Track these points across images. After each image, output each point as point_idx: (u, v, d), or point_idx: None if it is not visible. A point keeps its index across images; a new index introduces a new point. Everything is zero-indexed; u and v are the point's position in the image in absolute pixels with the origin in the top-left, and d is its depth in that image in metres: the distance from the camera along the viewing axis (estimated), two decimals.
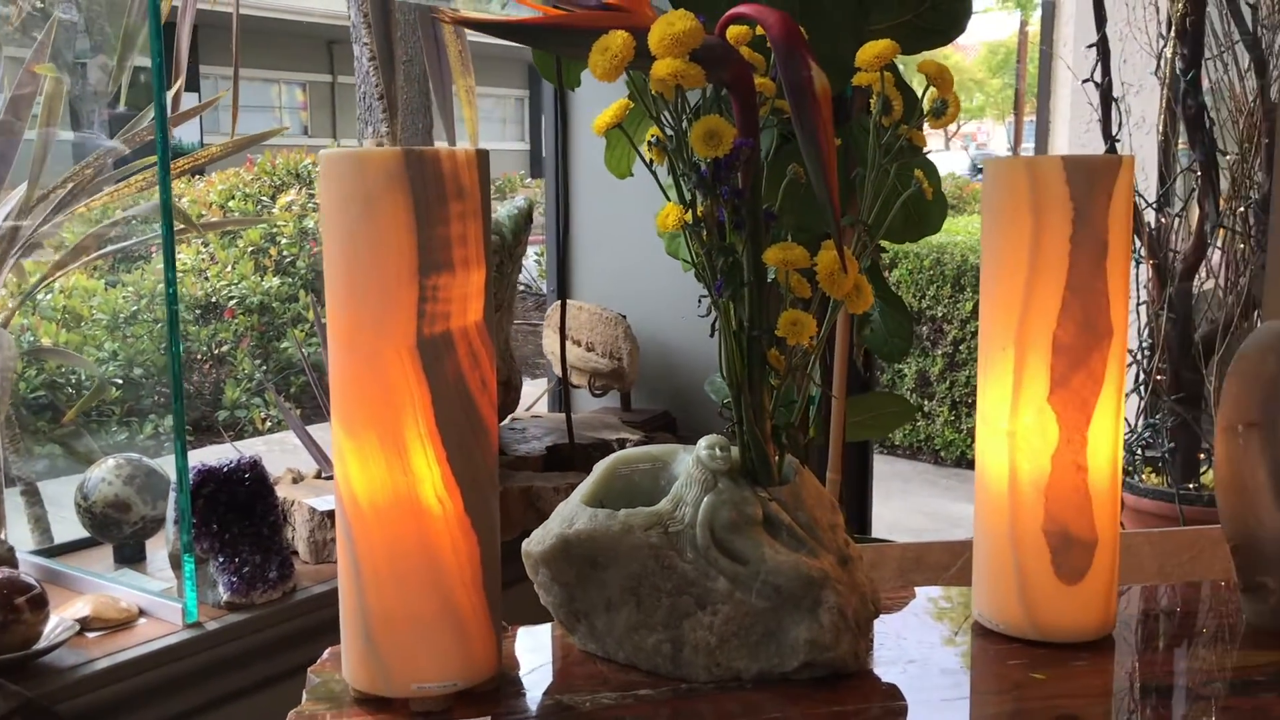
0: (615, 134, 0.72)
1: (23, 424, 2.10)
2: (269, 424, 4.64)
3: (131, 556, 1.59)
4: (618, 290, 2.37)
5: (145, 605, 1.43)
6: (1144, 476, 2.97)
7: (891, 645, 0.84)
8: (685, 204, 0.75)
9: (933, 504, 4.18)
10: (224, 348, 4.82)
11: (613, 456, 0.85)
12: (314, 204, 5.19)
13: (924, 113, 0.80)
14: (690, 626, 0.77)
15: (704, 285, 0.76)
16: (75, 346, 3.47)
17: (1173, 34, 2.75)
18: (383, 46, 1.93)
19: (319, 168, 0.73)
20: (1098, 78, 2.76)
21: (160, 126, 1.37)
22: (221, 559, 1.44)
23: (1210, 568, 1.17)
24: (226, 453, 1.51)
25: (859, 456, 2.20)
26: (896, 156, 0.79)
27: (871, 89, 0.79)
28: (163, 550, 1.54)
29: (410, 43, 2.86)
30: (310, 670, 0.80)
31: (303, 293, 4.97)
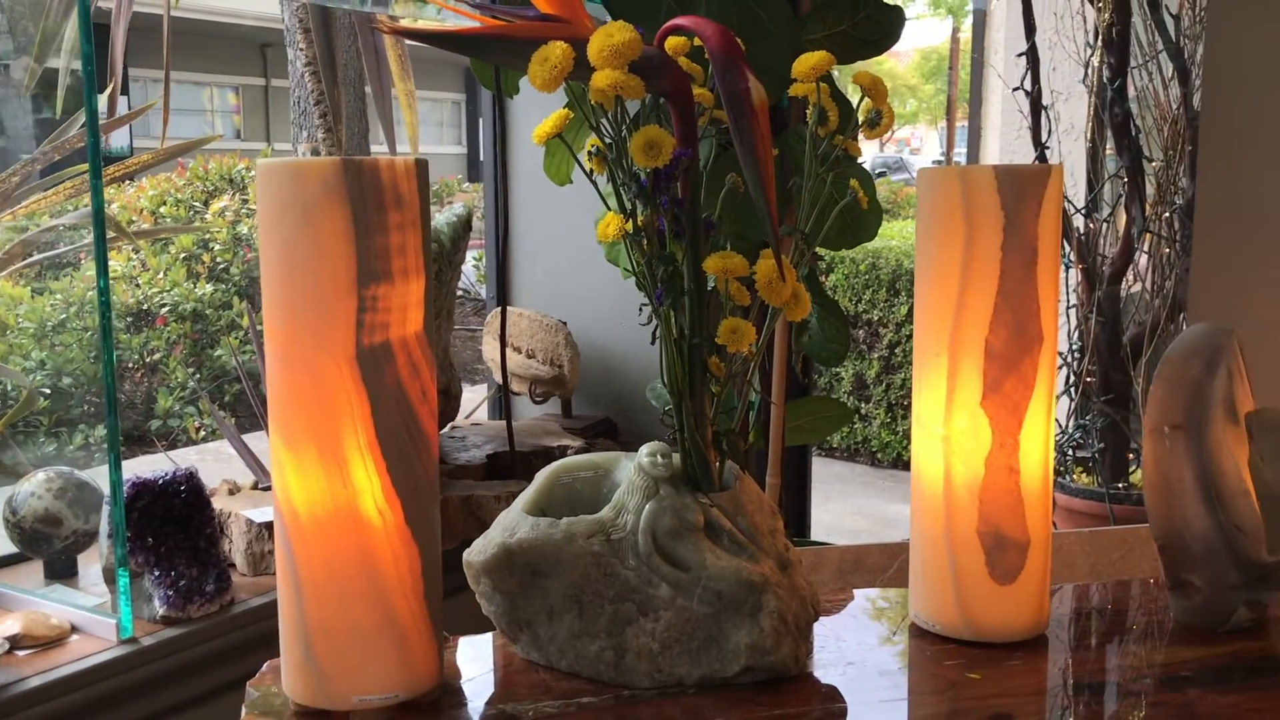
0: (555, 142, 0.72)
1: None
2: (203, 433, 4.57)
3: (63, 572, 1.56)
4: (558, 296, 2.37)
5: (78, 621, 1.40)
6: (1075, 476, 3.03)
7: (831, 647, 0.85)
8: (625, 213, 0.76)
9: (870, 505, 4.23)
10: (156, 356, 4.73)
11: (554, 465, 0.85)
12: (248, 209, 5.12)
13: (859, 123, 0.81)
14: (633, 633, 0.77)
15: (645, 294, 0.76)
16: (1, 356, 3.39)
17: (1099, 43, 2.82)
18: (324, 55, 1.91)
19: (256, 177, 0.73)
20: (1028, 86, 2.82)
21: (92, 131, 1.35)
22: (157, 573, 1.41)
23: (1139, 566, 1.20)
24: (160, 462, 1.49)
25: (798, 460, 2.22)
26: (833, 166, 0.80)
27: (808, 99, 0.80)
28: (95, 565, 1.51)
29: (346, 47, 2.83)
30: (249, 684, 0.79)
31: (236, 299, 4.90)
